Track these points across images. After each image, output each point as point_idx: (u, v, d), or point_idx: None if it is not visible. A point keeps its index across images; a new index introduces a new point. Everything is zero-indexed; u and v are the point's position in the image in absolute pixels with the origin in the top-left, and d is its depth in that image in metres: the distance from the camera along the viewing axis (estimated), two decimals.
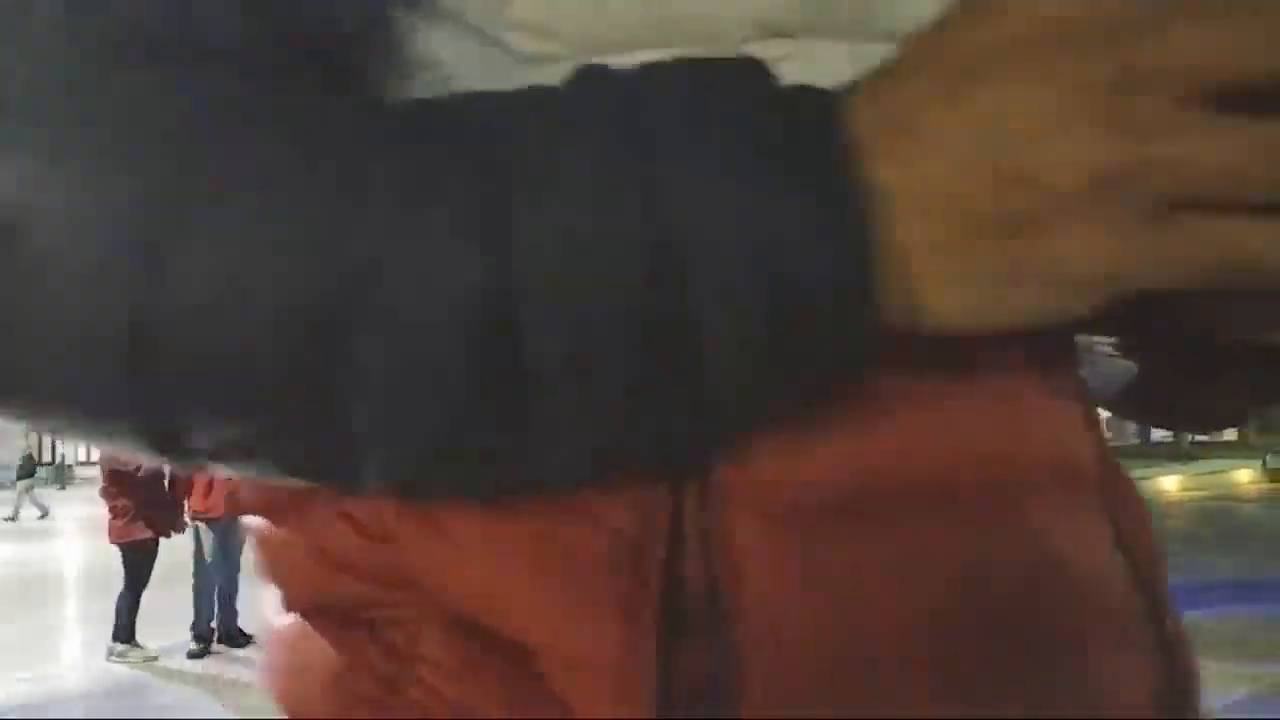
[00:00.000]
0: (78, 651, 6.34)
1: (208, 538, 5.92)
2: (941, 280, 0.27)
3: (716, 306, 0.26)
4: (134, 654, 5.80)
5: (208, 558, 5.92)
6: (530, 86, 0.30)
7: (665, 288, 0.26)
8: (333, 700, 0.38)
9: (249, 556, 0.45)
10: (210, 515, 5.86)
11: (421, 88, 0.35)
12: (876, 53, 0.30)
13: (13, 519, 17.78)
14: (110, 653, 5.81)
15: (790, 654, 0.32)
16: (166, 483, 5.85)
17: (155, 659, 5.75)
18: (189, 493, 5.87)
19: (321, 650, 0.38)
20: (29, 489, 18.76)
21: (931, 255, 0.27)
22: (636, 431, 0.29)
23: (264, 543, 0.42)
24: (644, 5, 0.33)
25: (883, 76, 0.28)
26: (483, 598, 0.34)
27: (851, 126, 0.27)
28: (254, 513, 0.42)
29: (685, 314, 0.26)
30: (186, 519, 5.99)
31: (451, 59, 0.35)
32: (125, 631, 5.86)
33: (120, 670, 5.63)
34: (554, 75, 0.30)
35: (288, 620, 0.41)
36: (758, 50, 0.30)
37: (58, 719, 4.83)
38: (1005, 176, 0.26)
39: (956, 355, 0.33)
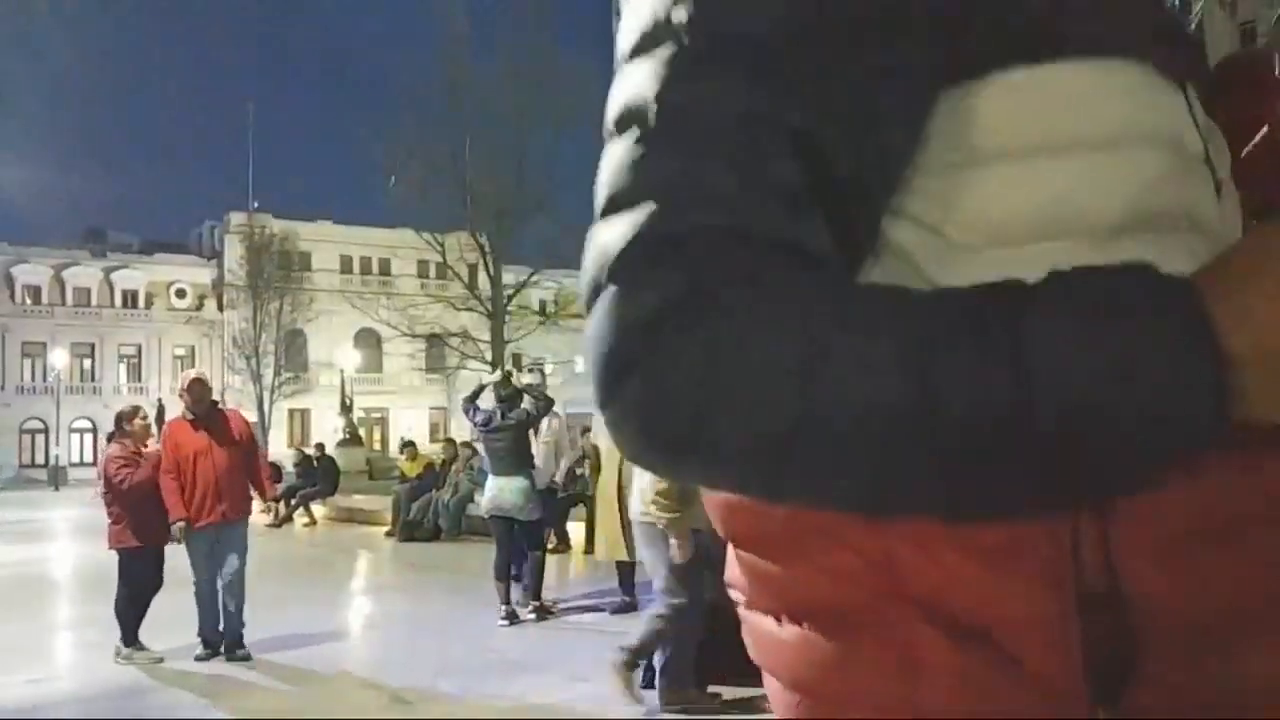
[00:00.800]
0: (83, 654, 6.39)
1: (194, 546, 5.81)
2: (1273, 411, 0.46)
3: (1133, 433, 0.46)
4: (140, 656, 5.85)
5: (193, 566, 5.84)
6: (1000, 281, 0.48)
7: (1096, 418, 0.45)
8: (845, 687, 0.58)
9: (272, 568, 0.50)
10: (196, 524, 5.73)
11: (889, 265, 0.56)
12: (1197, 241, 0.55)
13: None
14: (118, 654, 5.86)
15: (1175, 633, 0.52)
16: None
17: (161, 661, 5.81)
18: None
19: (825, 648, 0.58)
20: None
21: (1265, 401, 0.46)
22: (1069, 488, 0.48)
23: (756, 570, 0.63)
24: (1041, 216, 0.54)
25: (1226, 276, 0.47)
26: (959, 594, 0.54)
27: (1210, 309, 0.45)
28: (747, 547, 0.63)
29: (1115, 433, 0.46)
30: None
31: (910, 246, 0.56)
32: (130, 634, 5.91)
33: (127, 672, 5.68)
34: (979, 259, 0.54)
35: (787, 630, 0.61)
36: (1116, 244, 0.53)
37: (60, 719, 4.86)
38: None
39: None
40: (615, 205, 0.54)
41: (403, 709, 4.76)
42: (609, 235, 0.53)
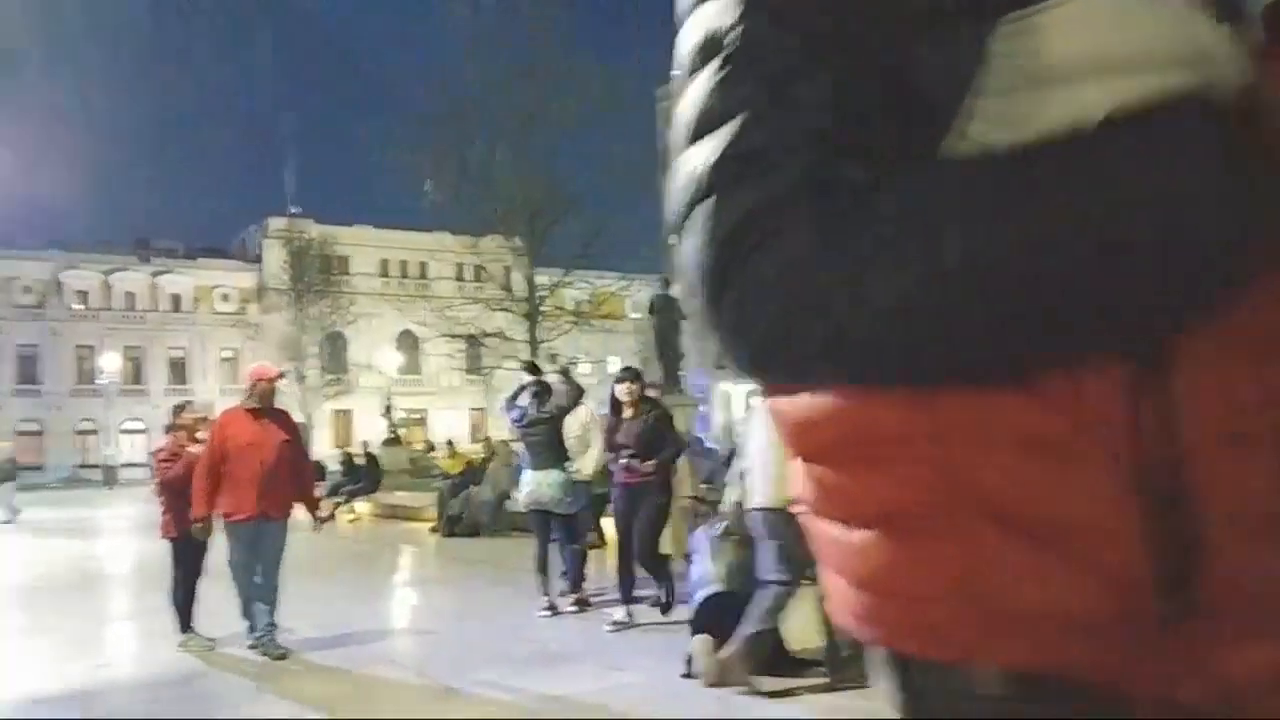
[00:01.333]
0: (143, 642, 6.62)
1: (234, 540, 5.81)
2: None
3: (1168, 251, 0.50)
4: (193, 643, 6.04)
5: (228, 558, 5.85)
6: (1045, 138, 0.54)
7: (1123, 243, 0.50)
8: (910, 585, 0.60)
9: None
10: (229, 518, 5.75)
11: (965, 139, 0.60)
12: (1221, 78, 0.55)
13: (9, 521, 18.28)
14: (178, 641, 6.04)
15: (1241, 527, 0.53)
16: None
17: (213, 647, 5.99)
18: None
19: (892, 550, 0.61)
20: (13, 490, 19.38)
21: None
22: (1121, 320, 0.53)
23: (826, 482, 0.66)
24: (1092, 54, 0.57)
25: (1251, 98, 0.52)
26: (1024, 496, 0.56)
27: (1242, 137, 0.51)
28: (819, 461, 0.66)
29: (1140, 252, 0.50)
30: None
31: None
32: (184, 621, 6.09)
33: (184, 659, 5.83)
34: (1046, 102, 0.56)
35: (855, 535, 0.63)
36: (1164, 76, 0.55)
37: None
38: None
39: None
40: (702, 129, 0.59)
41: (448, 699, 4.83)
42: (698, 157, 0.58)
